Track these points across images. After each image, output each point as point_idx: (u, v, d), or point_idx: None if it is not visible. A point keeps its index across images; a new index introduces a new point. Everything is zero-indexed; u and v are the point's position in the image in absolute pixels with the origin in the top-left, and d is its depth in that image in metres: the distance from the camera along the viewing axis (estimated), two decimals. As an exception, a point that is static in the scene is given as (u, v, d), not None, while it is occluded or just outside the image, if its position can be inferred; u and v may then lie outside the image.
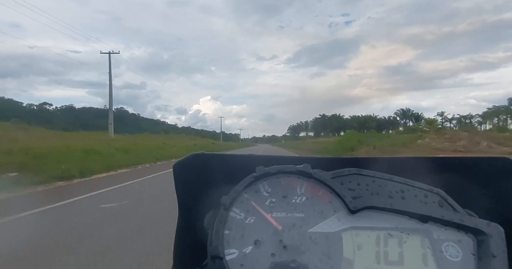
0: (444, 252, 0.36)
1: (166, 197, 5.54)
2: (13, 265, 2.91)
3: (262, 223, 0.39)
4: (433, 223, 0.38)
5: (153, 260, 2.95)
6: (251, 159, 0.48)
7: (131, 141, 22.13)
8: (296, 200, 0.40)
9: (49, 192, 7.07)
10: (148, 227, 4.14)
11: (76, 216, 4.86)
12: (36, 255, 3.10)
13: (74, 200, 5.99)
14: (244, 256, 0.37)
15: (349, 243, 0.37)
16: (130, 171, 11.64)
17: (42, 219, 4.69)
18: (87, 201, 6.00)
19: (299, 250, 0.37)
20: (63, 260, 2.97)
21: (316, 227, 0.38)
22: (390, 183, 0.42)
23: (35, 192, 7.01)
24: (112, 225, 4.19)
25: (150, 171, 11.52)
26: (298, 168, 0.41)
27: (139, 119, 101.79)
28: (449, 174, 0.44)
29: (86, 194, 6.54)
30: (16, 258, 3.02)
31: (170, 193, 0.71)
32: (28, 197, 6.51)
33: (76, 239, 3.60)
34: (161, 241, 3.38)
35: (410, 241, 0.37)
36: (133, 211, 5.12)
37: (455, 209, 0.39)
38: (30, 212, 4.98)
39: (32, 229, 4.16)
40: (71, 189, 7.56)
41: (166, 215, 4.28)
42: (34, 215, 4.83)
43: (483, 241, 0.36)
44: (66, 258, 3.03)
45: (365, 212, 0.39)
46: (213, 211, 0.41)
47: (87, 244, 3.37)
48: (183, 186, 0.48)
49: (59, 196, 6.35)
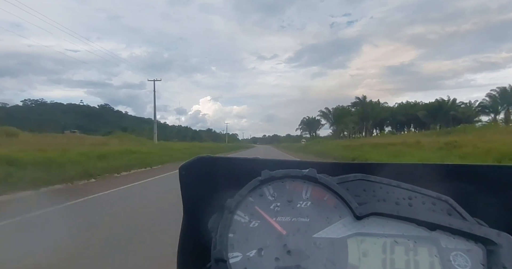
0: (452, 261, 0.35)
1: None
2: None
3: (267, 227, 0.39)
4: (441, 232, 0.37)
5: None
6: (256, 163, 0.48)
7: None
8: (301, 204, 0.40)
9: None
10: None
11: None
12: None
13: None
14: (248, 260, 0.37)
15: (355, 250, 0.37)
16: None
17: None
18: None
19: (303, 255, 0.37)
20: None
21: (321, 232, 0.38)
22: (397, 189, 0.41)
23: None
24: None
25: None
26: (303, 172, 0.41)
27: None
28: (458, 181, 0.44)
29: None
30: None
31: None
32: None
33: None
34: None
35: (417, 249, 0.37)
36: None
37: (464, 217, 0.38)
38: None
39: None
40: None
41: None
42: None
43: (493, 251, 0.35)
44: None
45: (371, 219, 0.38)
46: (217, 214, 0.41)
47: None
48: (188, 188, 0.48)
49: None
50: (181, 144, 32.00)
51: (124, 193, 7.31)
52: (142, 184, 8.86)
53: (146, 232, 4.05)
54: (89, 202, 6.22)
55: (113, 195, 7.04)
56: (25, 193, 6.83)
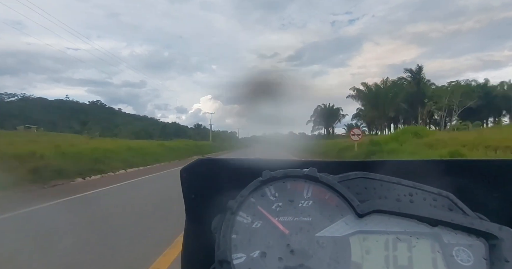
0: (455, 256, 0.36)
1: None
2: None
3: (269, 228, 0.39)
4: (443, 227, 0.37)
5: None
6: (257, 163, 0.48)
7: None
8: (303, 204, 0.40)
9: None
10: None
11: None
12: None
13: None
14: (251, 261, 0.37)
15: (357, 247, 0.37)
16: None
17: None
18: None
19: (306, 254, 0.37)
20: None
21: (324, 231, 0.38)
22: (398, 186, 0.41)
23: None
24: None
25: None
26: (304, 172, 0.41)
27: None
28: (458, 177, 0.44)
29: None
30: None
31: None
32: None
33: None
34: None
35: (420, 245, 0.37)
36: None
37: (465, 212, 0.39)
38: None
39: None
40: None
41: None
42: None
43: (495, 245, 0.35)
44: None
45: (373, 216, 0.38)
46: (220, 215, 0.41)
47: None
48: (190, 191, 0.48)
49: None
50: (124, 143, 21.08)
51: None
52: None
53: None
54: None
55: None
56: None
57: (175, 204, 3.43)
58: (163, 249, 3.37)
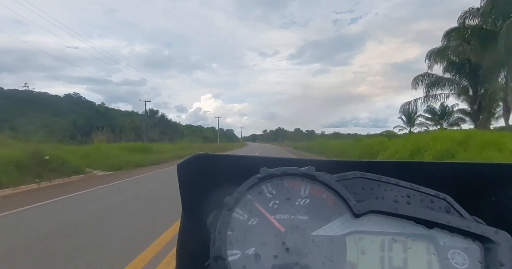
0: (450, 259, 0.36)
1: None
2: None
3: (265, 225, 0.39)
4: (439, 229, 0.37)
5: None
6: (254, 160, 0.48)
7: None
8: (299, 202, 0.40)
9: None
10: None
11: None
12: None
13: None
14: (246, 257, 0.37)
15: (353, 247, 0.37)
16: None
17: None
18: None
19: (301, 252, 0.37)
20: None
21: (320, 230, 0.38)
22: (395, 187, 0.41)
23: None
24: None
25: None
26: (302, 170, 0.41)
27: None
28: (456, 180, 0.44)
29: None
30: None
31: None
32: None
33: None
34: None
35: (415, 247, 0.37)
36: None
37: (462, 215, 0.38)
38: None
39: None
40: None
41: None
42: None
43: (491, 249, 0.35)
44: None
45: (370, 216, 0.38)
46: (216, 211, 0.41)
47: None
48: (187, 186, 0.48)
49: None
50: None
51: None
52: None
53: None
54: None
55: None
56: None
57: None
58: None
